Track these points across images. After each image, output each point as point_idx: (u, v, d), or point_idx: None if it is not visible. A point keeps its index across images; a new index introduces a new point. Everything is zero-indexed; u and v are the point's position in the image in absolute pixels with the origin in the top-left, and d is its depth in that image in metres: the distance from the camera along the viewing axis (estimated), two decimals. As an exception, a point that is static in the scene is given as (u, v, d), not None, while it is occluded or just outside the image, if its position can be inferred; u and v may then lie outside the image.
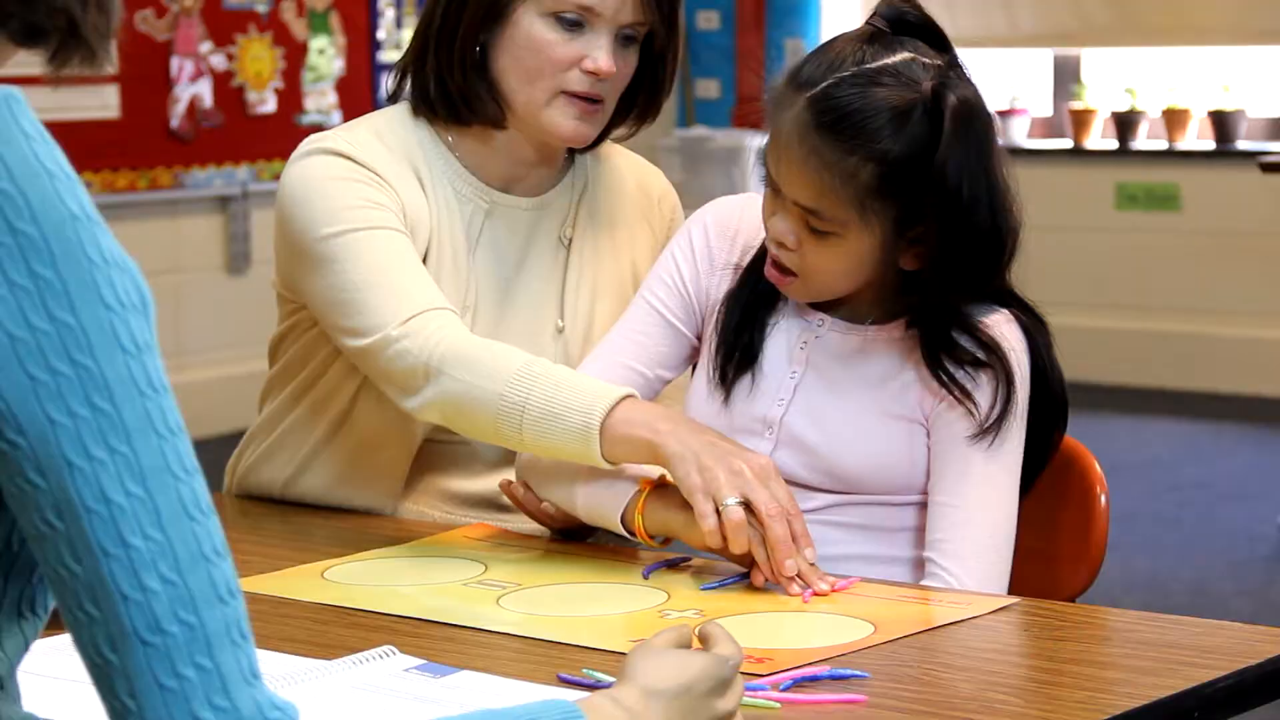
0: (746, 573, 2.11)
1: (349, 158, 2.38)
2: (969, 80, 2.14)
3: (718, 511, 2.07)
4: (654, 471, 2.19)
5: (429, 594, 2.09)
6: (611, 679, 1.58)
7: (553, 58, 2.37)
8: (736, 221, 2.32)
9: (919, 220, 2.13)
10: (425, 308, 2.29)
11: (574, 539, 2.33)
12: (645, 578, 2.14)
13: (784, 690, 1.75)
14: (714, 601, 2.05)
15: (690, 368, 2.38)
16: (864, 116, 2.09)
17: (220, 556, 1.23)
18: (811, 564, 2.08)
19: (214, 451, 2.57)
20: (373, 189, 2.37)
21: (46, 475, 1.20)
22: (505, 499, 2.44)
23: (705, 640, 1.60)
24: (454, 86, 2.41)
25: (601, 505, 2.22)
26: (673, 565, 2.17)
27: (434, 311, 2.29)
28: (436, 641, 1.93)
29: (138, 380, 1.22)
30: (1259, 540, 5.44)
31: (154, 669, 1.20)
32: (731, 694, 1.51)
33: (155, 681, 1.20)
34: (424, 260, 2.40)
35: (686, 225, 2.37)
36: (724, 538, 2.08)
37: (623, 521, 2.20)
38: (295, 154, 2.41)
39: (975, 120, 2.11)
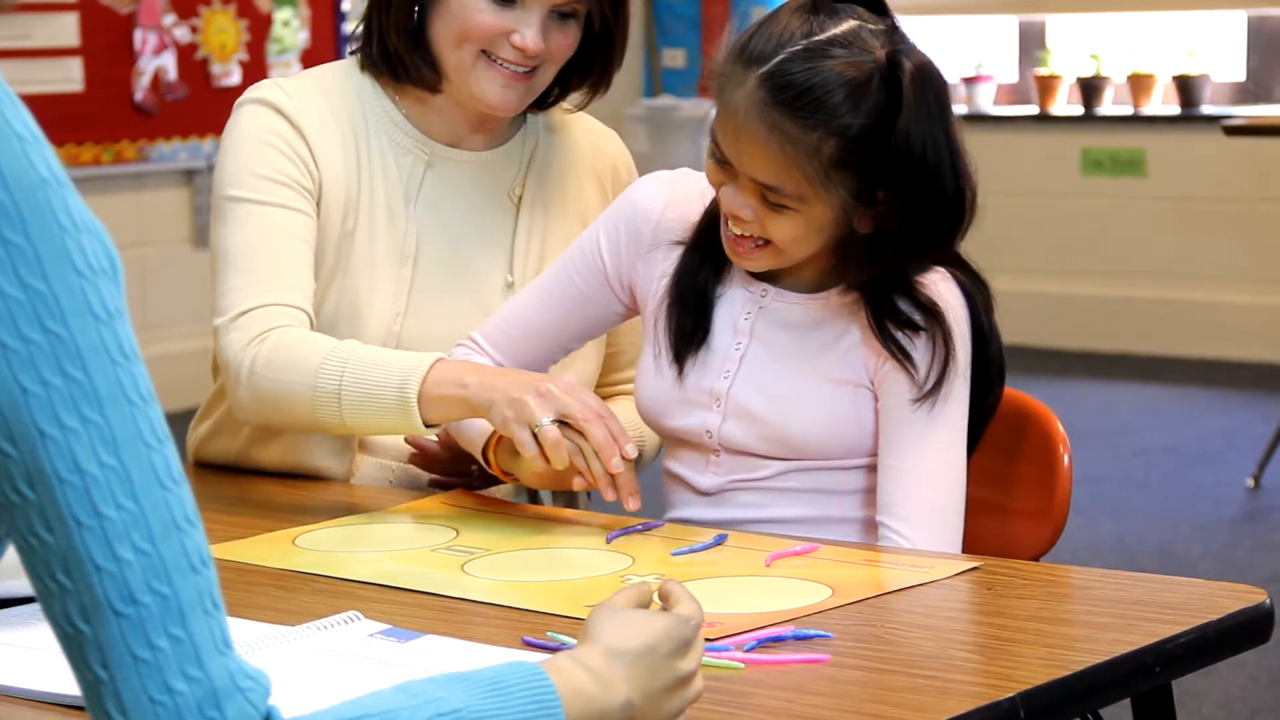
0: (716, 540, 2.13)
1: (281, 112, 2.42)
2: (913, 44, 2.15)
3: (537, 439, 2.12)
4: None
5: (393, 560, 2.10)
6: (576, 642, 1.59)
7: (480, 25, 2.39)
8: (665, 197, 2.31)
9: (878, 186, 2.13)
10: (265, 302, 2.32)
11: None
12: (609, 543, 2.15)
13: (748, 651, 1.77)
14: (674, 567, 2.05)
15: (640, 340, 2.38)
16: (823, 91, 2.09)
17: (192, 525, 1.22)
18: (631, 460, 2.13)
19: (179, 425, 2.56)
20: (288, 160, 2.40)
21: (18, 444, 1.18)
22: None
23: (666, 599, 1.60)
24: (391, 47, 2.45)
25: (472, 438, 2.30)
26: (642, 531, 2.18)
27: (271, 308, 2.32)
28: (402, 607, 1.93)
29: (109, 347, 1.20)
30: (1225, 503, 5.46)
31: (127, 639, 1.19)
32: (693, 654, 1.51)
33: (129, 652, 1.19)
34: (355, 212, 2.43)
35: (616, 202, 2.37)
36: (546, 459, 2.12)
37: (484, 455, 2.28)
38: (238, 100, 2.46)
39: (932, 84, 2.11)
